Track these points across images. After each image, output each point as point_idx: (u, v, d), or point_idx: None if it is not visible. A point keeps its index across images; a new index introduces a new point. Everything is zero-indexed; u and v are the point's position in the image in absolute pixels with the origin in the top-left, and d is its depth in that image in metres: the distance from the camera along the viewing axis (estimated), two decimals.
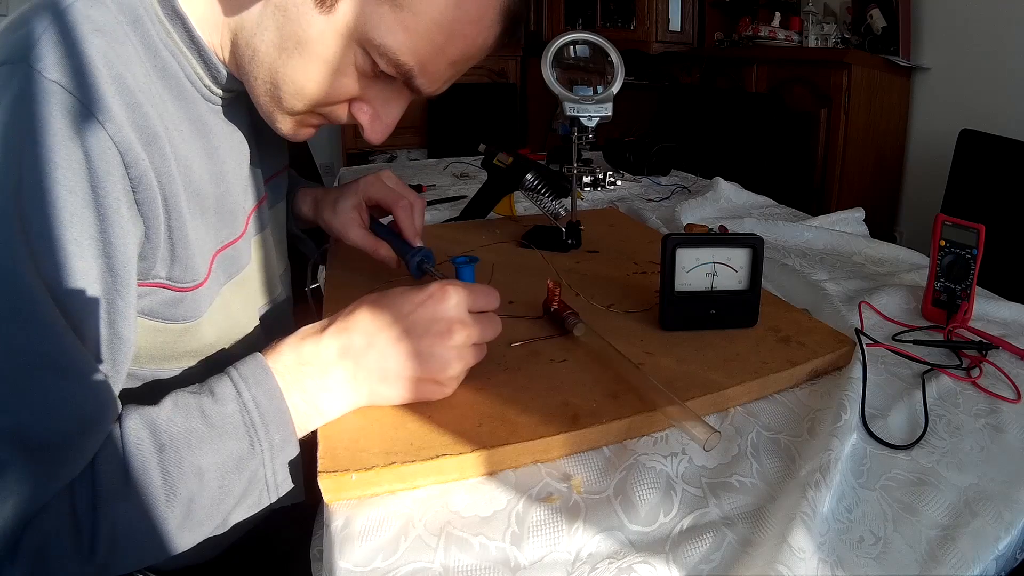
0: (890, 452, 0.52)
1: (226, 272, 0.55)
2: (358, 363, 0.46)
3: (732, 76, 2.77)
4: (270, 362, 0.46)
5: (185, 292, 0.49)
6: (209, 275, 0.51)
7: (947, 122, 1.98)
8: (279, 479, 0.45)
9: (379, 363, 0.47)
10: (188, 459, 0.41)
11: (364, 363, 0.47)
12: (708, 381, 0.56)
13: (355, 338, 0.47)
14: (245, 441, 0.43)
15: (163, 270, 0.47)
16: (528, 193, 0.95)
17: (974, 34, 2.18)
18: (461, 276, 0.74)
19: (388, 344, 0.47)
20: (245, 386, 0.44)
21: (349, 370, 0.47)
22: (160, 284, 0.47)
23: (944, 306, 0.72)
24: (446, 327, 0.48)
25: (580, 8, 3.55)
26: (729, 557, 0.42)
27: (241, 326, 0.59)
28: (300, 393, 0.45)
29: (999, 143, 1.44)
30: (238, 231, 0.57)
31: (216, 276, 0.53)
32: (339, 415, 0.48)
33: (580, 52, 0.84)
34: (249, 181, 0.60)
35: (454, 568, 0.41)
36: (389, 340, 0.47)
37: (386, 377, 0.48)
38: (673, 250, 0.63)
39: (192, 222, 0.48)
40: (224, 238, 0.54)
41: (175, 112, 0.48)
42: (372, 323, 0.47)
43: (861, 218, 1.14)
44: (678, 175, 1.54)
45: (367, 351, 0.46)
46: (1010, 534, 0.43)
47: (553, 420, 0.51)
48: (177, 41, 0.48)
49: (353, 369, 0.47)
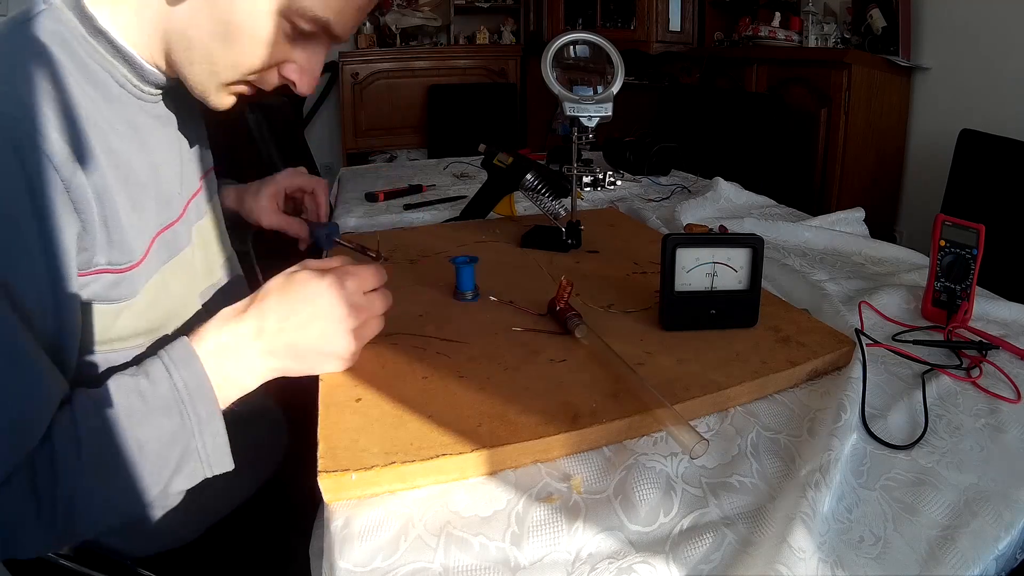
0: (890, 452, 0.52)
1: (166, 251, 0.61)
2: (272, 343, 0.53)
3: (732, 76, 2.77)
4: (195, 345, 0.52)
5: (124, 272, 0.54)
6: (147, 255, 0.57)
7: (947, 122, 1.98)
8: (209, 450, 0.51)
9: (290, 343, 0.54)
10: (130, 434, 0.47)
11: (276, 343, 0.53)
12: (708, 381, 0.56)
13: (268, 322, 0.53)
14: (177, 417, 0.49)
15: (103, 257, 0.52)
16: (528, 193, 0.95)
17: (974, 34, 2.18)
18: (461, 276, 0.74)
19: (297, 328, 0.54)
20: (175, 367, 0.50)
21: (264, 349, 0.53)
22: (101, 270, 0.52)
23: (944, 306, 0.72)
24: (345, 311, 0.55)
25: (580, 8, 3.55)
26: (729, 557, 0.42)
27: (182, 308, 0.63)
28: (221, 372, 0.52)
29: (999, 143, 1.44)
30: (175, 215, 0.63)
31: (156, 255, 0.59)
32: (256, 386, 0.55)
33: (580, 52, 0.84)
34: (183, 170, 0.66)
35: (454, 568, 0.41)
36: (298, 324, 0.54)
37: (296, 355, 0.54)
38: (673, 250, 0.63)
39: (126, 209, 0.54)
40: (163, 221, 0.60)
41: (109, 114, 0.54)
42: (282, 307, 0.54)
43: (861, 218, 1.14)
44: (678, 175, 1.54)
45: (279, 334, 0.53)
46: (1010, 534, 0.43)
47: (553, 420, 0.51)
48: (103, 53, 0.54)
49: (268, 348, 0.53)
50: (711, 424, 0.55)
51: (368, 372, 0.58)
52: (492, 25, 3.95)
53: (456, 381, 0.57)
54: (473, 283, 0.75)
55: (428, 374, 0.58)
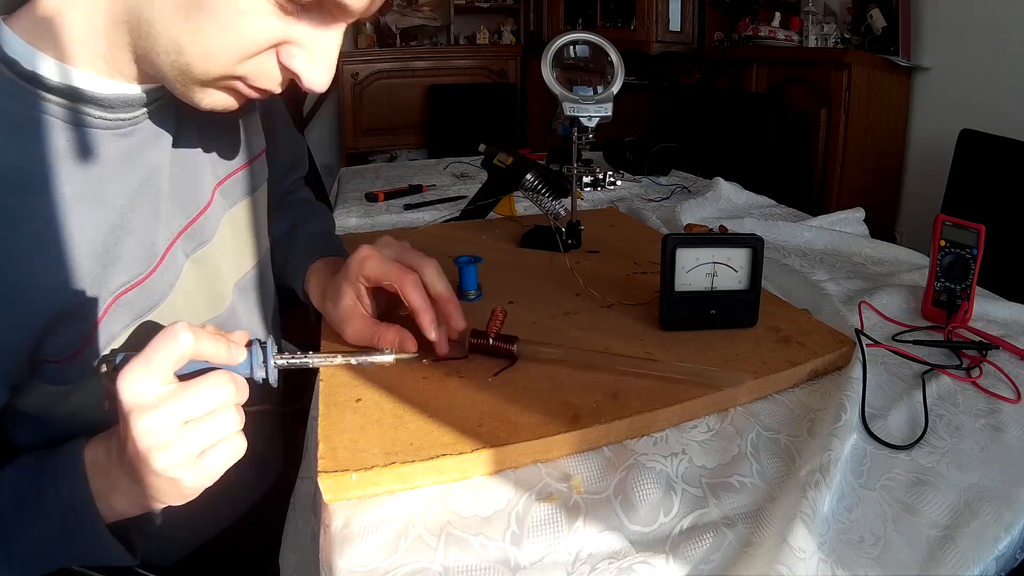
0: (890, 452, 0.52)
1: (131, 312, 0.50)
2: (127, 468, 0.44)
3: (732, 76, 2.77)
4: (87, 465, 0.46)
5: (64, 363, 0.46)
6: (99, 325, 0.48)
7: (947, 122, 1.98)
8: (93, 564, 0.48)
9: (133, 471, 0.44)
10: (19, 534, 0.45)
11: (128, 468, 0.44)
12: (712, 380, 0.56)
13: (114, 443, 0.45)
14: (58, 530, 0.45)
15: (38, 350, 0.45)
16: (528, 193, 0.95)
17: (974, 34, 2.18)
18: (464, 276, 0.74)
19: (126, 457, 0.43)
20: (63, 483, 0.45)
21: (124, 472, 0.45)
22: (40, 360, 0.46)
23: (944, 306, 0.72)
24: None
25: (580, 8, 3.55)
26: (729, 557, 0.42)
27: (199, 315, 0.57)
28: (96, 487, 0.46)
29: (999, 143, 1.44)
30: (151, 262, 0.51)
31: (116, 320, 0.49)
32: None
33: (580, 52, 0.84)
34: (199, 177, 0.56)
35: (454, 568, 0.41)
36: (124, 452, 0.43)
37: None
38: (673, 250, 0.63)
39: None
40: (125, 281, 0.49)
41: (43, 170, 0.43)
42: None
43: (861, 218, 1.14)
44: (678, 175, 1.54)
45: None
46: (1010, 534, 0.43)
47: (553, 420, 0.51)
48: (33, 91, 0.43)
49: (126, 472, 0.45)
50: (711, 424, 0.55)
51: (368, 372, 0.58)
52: (492, 25, 3.95)
53: (456, 381, 0.57)
54: (476, 283, 0.75)
55: (428, 374, 0.58)
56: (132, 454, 0.41)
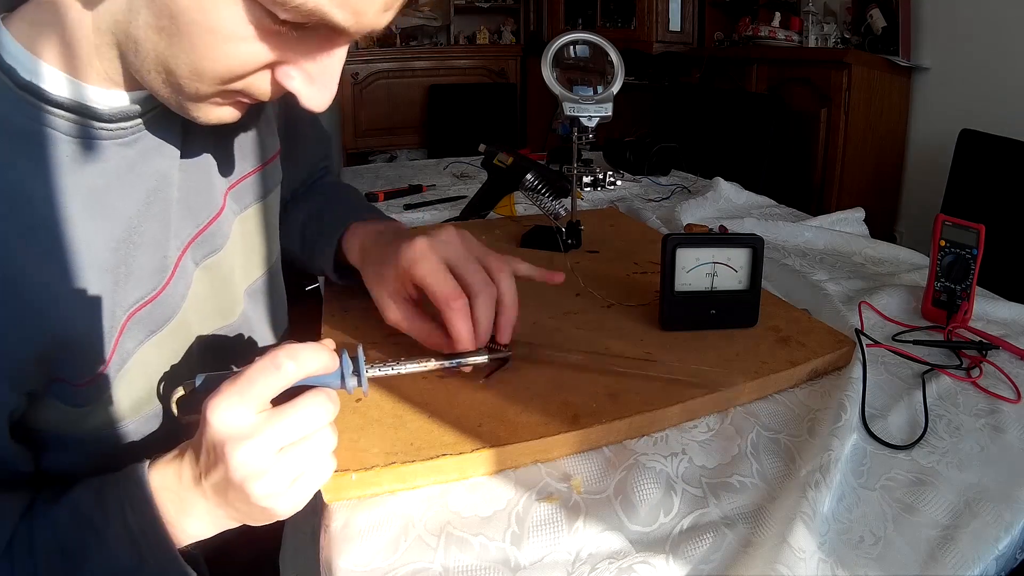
0: (890, 452, 0.52)
1: (144, 329, 0.49)
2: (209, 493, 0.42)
3: (732, 76, 2.77)
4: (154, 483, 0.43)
5: (82, 387, 0.46)
6: (116, 346, 0.47)
7: (947, 122, 1.98)
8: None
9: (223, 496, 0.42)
10: (85, 567, 0.42)
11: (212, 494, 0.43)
12: (708, 381, 0.56)
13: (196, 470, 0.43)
14: (126, 559, 0.42)
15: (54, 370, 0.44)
16: (528, 193, 0.95)
17: (974, 34, 2.18)
18: None
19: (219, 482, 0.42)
20: (130, 510, 0.42)
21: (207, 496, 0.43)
22: (56, 379, 0.44)
23: (944, 306, 0.72)
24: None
25: (580, 8, 3.55)
26: (729, 557, 0.42)
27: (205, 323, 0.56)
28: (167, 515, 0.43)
29: (999, 143, 1.44)
30: (163, 277, 0.50)
31: (131, 337, 0.48)
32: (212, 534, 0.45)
33: (580, 52, 0.84)
34: (210, 182, 0.55)
35: (454, 568, 0.41)
36: (217, 480, 0.41)
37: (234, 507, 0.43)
38: (673, 250, 0.63)
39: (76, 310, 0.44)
40: (139, 297, 0.48)
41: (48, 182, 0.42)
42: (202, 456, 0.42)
43: (861, 218, 1.14)
44: (678, 175, 1.54)
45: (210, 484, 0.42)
46: (1010, 534, 0.43)
47: (553, 420, 0.51)
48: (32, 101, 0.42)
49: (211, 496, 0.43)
50: (711, 424, 0.55)
51: None
52: (492, 25, 3.96)
53: (456, 381, 0.56)
54: None
55: (428, 374, 0.58)
56: (223, 482, 0.40)
